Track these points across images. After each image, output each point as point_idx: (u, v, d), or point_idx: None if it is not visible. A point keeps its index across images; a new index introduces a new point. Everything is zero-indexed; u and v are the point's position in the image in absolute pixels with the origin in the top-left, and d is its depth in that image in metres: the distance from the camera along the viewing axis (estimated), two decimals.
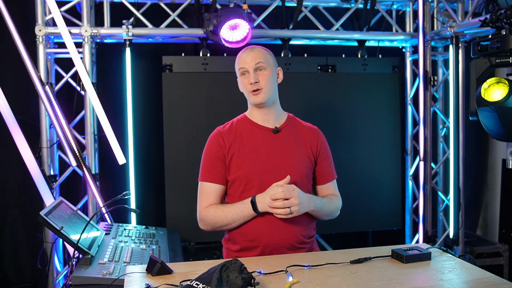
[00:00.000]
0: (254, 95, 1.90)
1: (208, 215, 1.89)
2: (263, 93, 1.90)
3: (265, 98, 1.90)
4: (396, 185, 3.70)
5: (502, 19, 2.23)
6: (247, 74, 1.90)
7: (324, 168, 2.02)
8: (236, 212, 1.85)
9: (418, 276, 1.54)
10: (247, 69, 1.90)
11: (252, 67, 1.89)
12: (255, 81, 1.88)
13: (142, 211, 2.76)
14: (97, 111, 3.01)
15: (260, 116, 1.97)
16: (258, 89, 1.89)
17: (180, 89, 3.32)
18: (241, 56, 1.94)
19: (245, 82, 1.91)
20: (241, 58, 1.94)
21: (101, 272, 1.89)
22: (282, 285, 1.46)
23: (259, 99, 1.90)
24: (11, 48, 2.94)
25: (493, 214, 4.12)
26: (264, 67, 1.90)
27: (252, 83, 1.88)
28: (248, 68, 1.89)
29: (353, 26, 3.74)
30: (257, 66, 1.89)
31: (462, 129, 3.50)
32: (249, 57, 1.90)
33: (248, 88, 1.90)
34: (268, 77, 1.90)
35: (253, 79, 1.87)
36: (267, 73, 1.91)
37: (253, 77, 1.88)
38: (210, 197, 1.92)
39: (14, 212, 3.40)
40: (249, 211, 1.82)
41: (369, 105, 3.60)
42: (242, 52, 1.96)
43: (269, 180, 1.87)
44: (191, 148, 3.24)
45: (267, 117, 1.97)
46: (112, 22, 3.23)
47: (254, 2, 3.45)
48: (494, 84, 2.22)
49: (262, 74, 1.90)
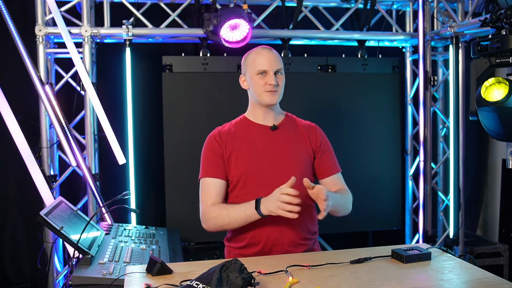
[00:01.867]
0: (270, 95, 1.91)
1: (212, 212, 1.87)
2: (279, 95, 1.94)
3: (278, 100, 1.95)
4: (396, 185, 3.70)
5: (502, 19, 2.23)
6: (266, 74, 1.91)
7: (328, 160, 2.01)
8: (239, 212, 1.83)
9: (418, 276, 1.54)
10: (268, 70, 1.91)
11: (273, 70, 1.91)
12: (276, 83, 1.90)
13: (142, 211, 2.76)
14: (97, 111, 3.01)
15: (261, 114, 1.98)
16: (275, 90, 1.91)
17: (180, 89, 3.32)
18: (261, 55, 1.93)
19: (261, 82, 1.91)
20: (261, 58, 1.92)
21: (101, 272, 1.89)
22: (282, 285, 1.46)
23: (274, 100, 1.93)
24: (11, 48, 2.94)
25: (493, 214, 4.12)
26: (282, 71, 1.94)
27: (272, 84, 1.89)
28: (270, 69, 1.91)
29: (353, 26, 3.74)
30: (278, 69, 1.92)
31: (462, 129, 3.50)
32: (273, 60, 1.92)
33: (265, 88, 1.91)
34: (283, 81, 1.95)
35: (274, 81, 1.90)
36: (283, 77, 1.95)
37: (274, 79, 1.90)
38: (212, 193, 1.91)
39: (14, 212, 3.40)
40: (252, 212, 1.80)
41: (369, 105, 3.60)
42: (261, 50, 1.95)
43: (268, 176, 1.88)
44: (191, 148, 3.24)
45: (268, 115, 1.98)
46: (112, 22, 3.23)
47: (254, 2, 3.45)
48: (494, 84, 2.22)
49: (280, 78, 1.93)
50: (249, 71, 1.95)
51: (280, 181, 1.88)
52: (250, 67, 1.94)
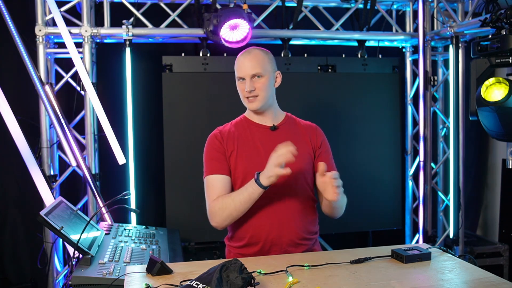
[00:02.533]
0: (249, 102, 1.92)
1: (217, 204, 1.85)
2: (258, 100, 1.91)
3: (260, 106, 1.92)
4: (396, 185, 3.70)
5: (502, 19, 2.23)
6: (244, 80, 1.91)
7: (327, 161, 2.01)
8: (242, 193, 1.81)
9: (418, 276, 1.54)
10: (244, 76, 1.91)
11: (249, 76, 1.89)
12: (250, 89, 1.88)
13: (142, 211, 2.76)
14: (97, 111, 3.01)
15: (258, 117, 1.99)
16: (253, 96, 1.90)
17: (180, 89, 3.32)
18: (239, 61, 1.94)
19: (241, 88, 1.93)
20: (238, 64, 1.93)
21: (101, 272, 1.89)
22: (282, 285, 1.46)
23: (253, 106, 1.92)
24: (11, 48, 2.94)
25: (493, 214, 4.12)
26: (261, 75, 1.90)
27: (247, 91, 1.89)
28: (245, 76, 1.90)
29: (353, 26, 3.74)
30: (253, 74, 1.89)
31: (462, 129, 3.50)
32: (247, 65, 1.90)
33: (244, 94, 1.92)
34: (264, 85, 1.90)
35: (249, 87, 1.88)
36: (264, 80, 1.90)
37: (249, 85, 1.88)
38: (217, 189, 1.89)
39: (14, 212, 3.40)
40: (254, 188, 1.77)
41: (369, 105, 3.60)
42: (240, 55, 1.95)
43: None
44: (191, 148, 3.24)
45: (265, 118, 1.99)
46: (112, 22, 3.23)
47: (254, 2, 3.45)
48: (494, 84, 2.22)
49: (258, 82, 1.90)
50: None
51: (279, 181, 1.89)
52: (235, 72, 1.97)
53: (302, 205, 1.93)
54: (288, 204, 1.90)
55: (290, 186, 1.90)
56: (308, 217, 1.96)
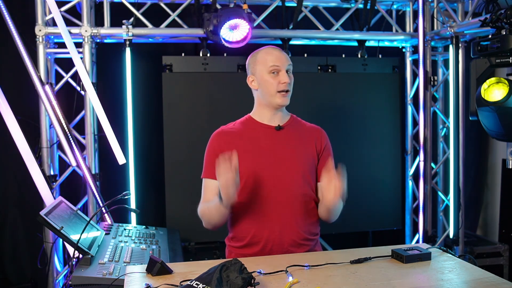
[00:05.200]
0: (282, 96, 1.88)
1: (200, 210, 1.91)
2: (289, 95, 1.90)
3: (288, 101, 1.91)
4: (396, 185, 3.70)
5: (502, 19, 2.23)
6: (278, 73, 1.87)
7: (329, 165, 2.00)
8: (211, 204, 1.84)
9: (418, 276, 1.54)
10: (280, 68, 1.86)
11: (285, 67, 1.87)
12: (289, 81, 1.86)
13: (142, 211, 2.76)
14: (97, 111, 3.01)
15: (268, 115, 1.95)
16: (288, 90, 1.88)
17: (180, 89, 3.32)
18: (272, 53, 1.90)
19: (275, 81, 1.87)
20: (273, 55, 1.89)
21: (101, 272, 1.89)
22: (282, 285, 1.46)
23: (286, 101, 1.89)
24: (11, 48, 2.94)
25: (493, 214, 4.12)
26: (291, 70, 1.90)
27: (286, 82, 1.85)
28: (282, 67, 1.86)
29: (353, 26, 3.74)
30: (289, 67, 1.88)
31: (462, 129, 3.50)
32: (284, 57, 1.89)
33: (278, 88, 1.87)
34: (293, 81, 1.91)
35: (287, 78, 1.85)
36: (293, 76, 1.91)
37: (286, 76, 1.85)
38: (210, 194, 1.92)
39: (14, 212, 3.40)
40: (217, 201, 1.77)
41: (369, 105, 3.60)
42: (271, 49, 1.92)
43: (271, 175, 1.88)
44: (191, 148, 3.24)
45: (275, 116, 1.96)
46: (112, 22, 3.22)
47: (254, 2, 3.45)
48: (494, 84, 2.23)
49: (291, 77, 1.89)
50: (259, 70, 1.90)
51: (282, 181, 1.89)
52: (260, 65, 1.89)
53: (304, 206, 1.93)
54: (289, 205, 1.89)
55: (291, 187, 1.90)
56: (309, 218, 1.95)
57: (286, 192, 1.88)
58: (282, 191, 1.88)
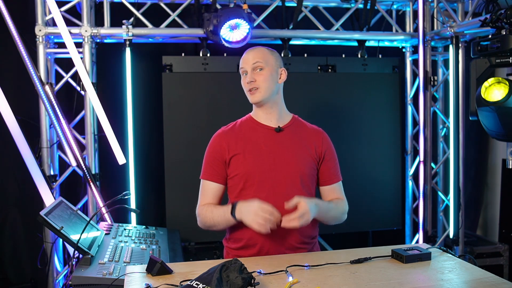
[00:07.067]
0: (250, 94, 1.93)
1: (201, 213, 1.92)
2: (259, 92, 1.90)
3: (261, 98, 1.91)
4: (396, 185, 3.70)
5: (502, 19, 2.23)
6: (246, 74, 1.93)
7: (330, 169, 2.00)
8: (220, 215, 1.86)
9: (418, 276, 1.54)
10: (246, 69, 1.92)
11: (250, 67, 1.91)
12: (250, 80, 1.90)
13: (142, 211, 2.76)
14: (97, 111, 3.02)
15: (263, 115, 1.97)
16: (254, 88, 1.90)
17: (180, 89, 3.32)
18: (243, 56, 1.97)
19: (244, 81, 1.94)
20: (242, 58, 1.96)
21: (101, 272, 1.89)
22: (282, 285, 1.46)
23: (255, 98, 1.92)
24: (11, 48, 2.94)
25: (493, 214, 4.12)
26: (262, 67, 1.91)
27: (248, 82, 1.90)
28: (247, 67, 1.92)
29: (353, 26, 3.74)
30: (254, 65, 1.90)
31: (462, 129, 3.50)
32: (249, 57, 1.93)
33: (246, 87, 1.93)
34: (265, 77, 1.90)
35: (249, 78, 1.90)
36: (265, 72, 1.91)
37: (249, 76, 1.90)
38: (208, 196, 1.94)
39: (14, 212, 3.40)
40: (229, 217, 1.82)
41: (369, 105, 3.60)
42: (245, 52, 1.98)
43: (270, 178, 1.88)
44: (191, 148, 3.24)
45: (270, 116, 1.97)
46: (112, 22, 3.23)
47: (254, 2, 3.45)
48: (494, 84, 2.22)
49: (259, 74, 1.91)
50: None
51: (281, 183, 1.88)
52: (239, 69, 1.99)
53: None
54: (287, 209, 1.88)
55: (289, 191, 1.87)
56: None
57: (283, 196, 1.85)
58: (280, 195, 1.86)
